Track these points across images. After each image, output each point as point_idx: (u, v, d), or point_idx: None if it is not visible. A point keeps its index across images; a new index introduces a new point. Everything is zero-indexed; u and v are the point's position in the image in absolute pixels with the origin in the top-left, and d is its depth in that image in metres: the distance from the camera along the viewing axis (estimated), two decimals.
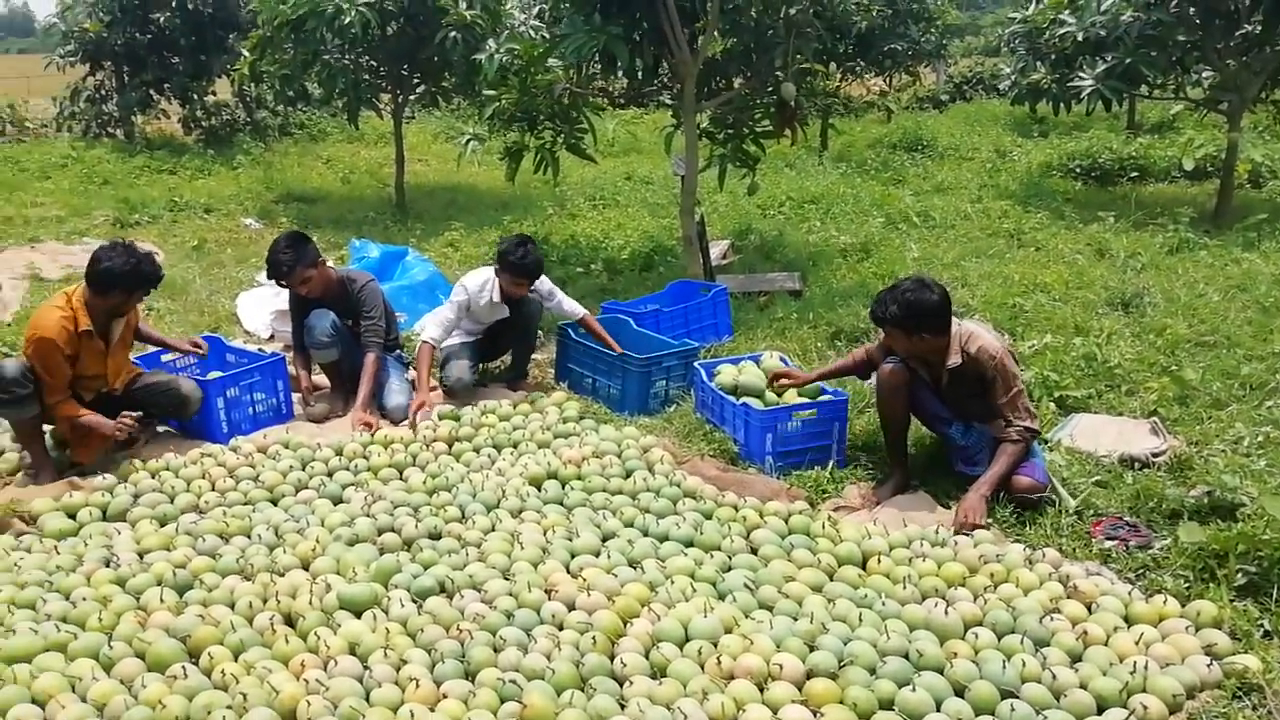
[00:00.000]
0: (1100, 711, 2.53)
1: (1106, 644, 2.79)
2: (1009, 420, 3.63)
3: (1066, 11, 8.88)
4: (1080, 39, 8.60)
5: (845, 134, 12.88)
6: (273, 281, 4.99)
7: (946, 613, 2.90)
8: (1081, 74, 8.61)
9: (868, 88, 15.56)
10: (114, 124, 13.88)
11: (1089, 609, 2.97)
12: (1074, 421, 4.31)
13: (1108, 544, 3.33)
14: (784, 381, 4.32)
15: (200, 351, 4.78)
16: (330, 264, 5.07)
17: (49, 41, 18.27)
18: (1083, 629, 2.83)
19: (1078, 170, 11.07)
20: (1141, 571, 3.21)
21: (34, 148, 13.12)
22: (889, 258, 7.51)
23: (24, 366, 3.99)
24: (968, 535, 3.41)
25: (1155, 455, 3.93)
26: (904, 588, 3.09)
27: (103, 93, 13.75)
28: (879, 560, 3.27)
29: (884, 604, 3.00)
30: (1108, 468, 3.88)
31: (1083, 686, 2.59)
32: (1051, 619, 2.87)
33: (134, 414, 4.17)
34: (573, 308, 5.20)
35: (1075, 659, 2.74)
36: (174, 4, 12.44)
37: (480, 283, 4.99)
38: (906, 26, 12.34)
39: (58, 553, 3.46)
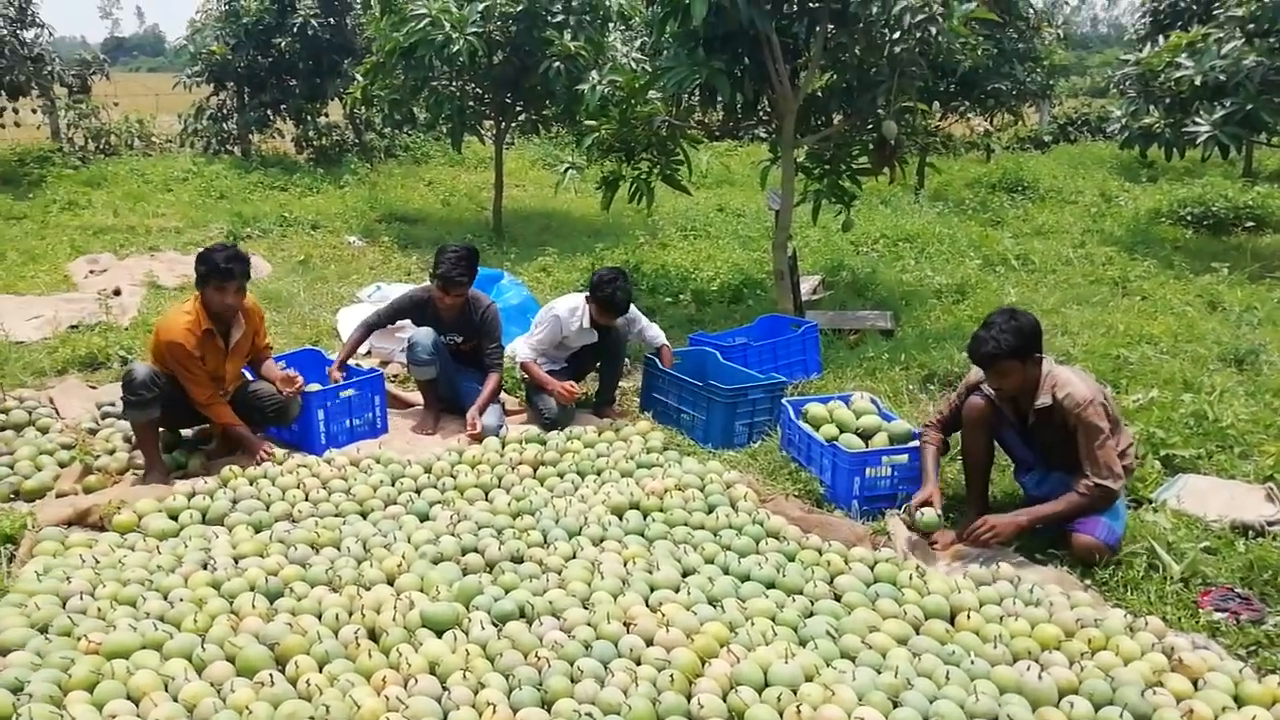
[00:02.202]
0: None
1: None
2: (1085, 474, 3.50)
3: (1184, 55, 8.59)
4: (1198, 83, 8.29)
5: (943, 173, 12.62)
6: (376, 294, 5.15)
7: (1040, 677, 2.78)
8: (1198, 119, 8.29)
9: (970, 127, 15.26)
10: (232, 141, 14.57)
11: (1195, 685, 2.80)
12: (1181, 482, 4.11)
13: (1217, 616, 3.15)
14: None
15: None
16: None
17: (177, 62, 19.31)
18: (1188, 707, 2.66)
19: (1189, 218, 10.63)
20: (1254, 648, 3.03)
21: (159, 162, 13.84)
22: (985, 300, 7.33)
23: (152, 371, 4.20)
24: (967, 560, 3.39)
25: (1271, 524, 3.72)
26: (994, 647, 2.98)
27: (224, 111, 14.45)
28: (968, 616, 3.16)
29: (973, 662, 2.89)
30: (1218, 534, 3.68)
31: None
32: (1154, 693, 2.72)
33: (274, 450, 4.44)
34: (654, 335, 5.29)
35: None
36: (295, 30, 13.02)
37: (570, 308, 5.07)
38: (1012, 66, 12.06)
39: (160, 553, 3.61)
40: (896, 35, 5.75)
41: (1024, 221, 10.98)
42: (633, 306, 5.23)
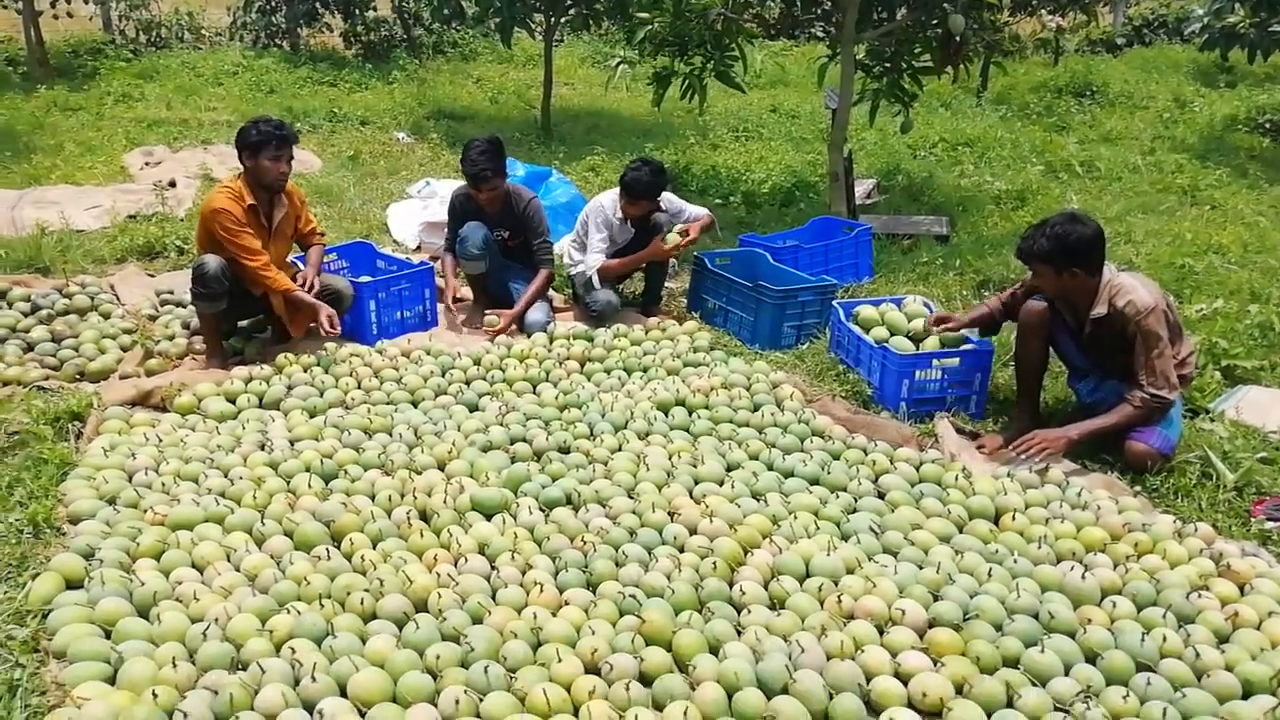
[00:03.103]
0: (1246, 697, 2.38)
1: (1259, 628, 2.62)
2: (1141, 384, 3.42)
3: None
4: None
5: (1009, 75, 12.10)
6: (425, 190, 5.13)
7: (1084, 577, 2.78)
8: None
9: (1042, 23, 14.51)
10: (281, 35, 14.40)
11: (1241, 590, 2.79)
12: (1241, 393, 4.02)
13: (1269, 525, 3.12)
14: (945, 326, 4.14)
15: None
16: None
17: None
18: (1234, 609, 2.66)
19: (1268, 125, 10.09)
20: None
21: (209, 55, 13.76)
22: (1046, 207, 7.10)
23: (223, 264, 4.25)
24: (1015, 464, 3.42)
25: None
26: (1038, 547, 2.98)
27: (272, 4, 14.25)
28: (1013, 517, 3.16)
29: (1015, 561, 2.90)
30: (1276, 445, 3.60)
31: (1228, 668, 2.45)
32: (1199, 595, 2.71)
33: (332, 324, 4.41)
34: (698, 211, 5.25)
35: (1222, 640, 2.59)
36: None
37: (612, 199, 5.02)
38: None
39: (219, 434, 3.73)
40: None
41: (1091, 127, 10.55)
42: (676, 198, 5.16)
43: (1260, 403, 3.92)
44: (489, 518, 3.12)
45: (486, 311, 5.02)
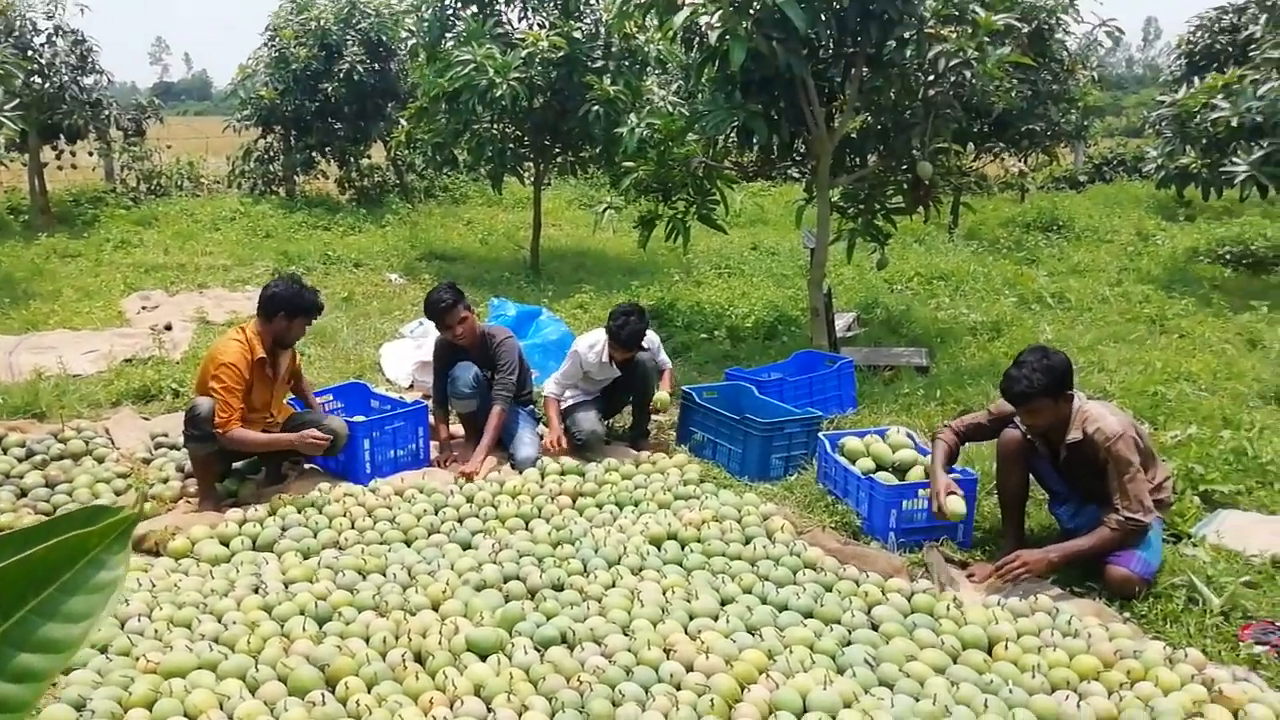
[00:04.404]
0: None
1: None
2: (1116, 508, 3.52)
3: (1220, 96, 8.62)
4: (1235, 124, 8.31)
5: (978, 212, 12.67)
6: (419, 330, 5.29)
7: (1079, 706, 2.79)
8: (1235, 159, 8.30)
9: (1005, 167, 15.30)
10: (278, 183, 14.97)
11: (1235, 716, 2.80)
12: (1221, 517, 4.10)
13: (1258, 649, 3.15)
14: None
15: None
16: None
17: (224, 106, 19.90)
18: None
19: (1228, 257, 10.57)
20: None
21: (207, 202, 14.26)
22: (1021, 337, 7.34)
23: (215, 406, 4.34)
24: (1005, 593, 3.46)
25: None
26: (1033, 677, 2.99)
27: (270, 154, 14.88)
28: (1006, 646, 3.18)
29: (1011, 691, 2.91)
30: (1258, 568, 3.67)
31: None
32: None
33: (316, 437, 4.48)
34: (663, 360, 5.47)
35: None
36: (341, 76, 13.42)
37: (589, 344, 5.19)
38: (1046, 107, 12.13)
39: (213, 577, 3.73)
40: (931, 79, 5.87)
41: (1059, 260, 10.98)
42: (655, 336, 5.34)
43: (1240, 526, 4.00)
44: (484, 658, 3.12)
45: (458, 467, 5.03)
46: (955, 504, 3.77)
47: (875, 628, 3.35)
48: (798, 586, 3.62)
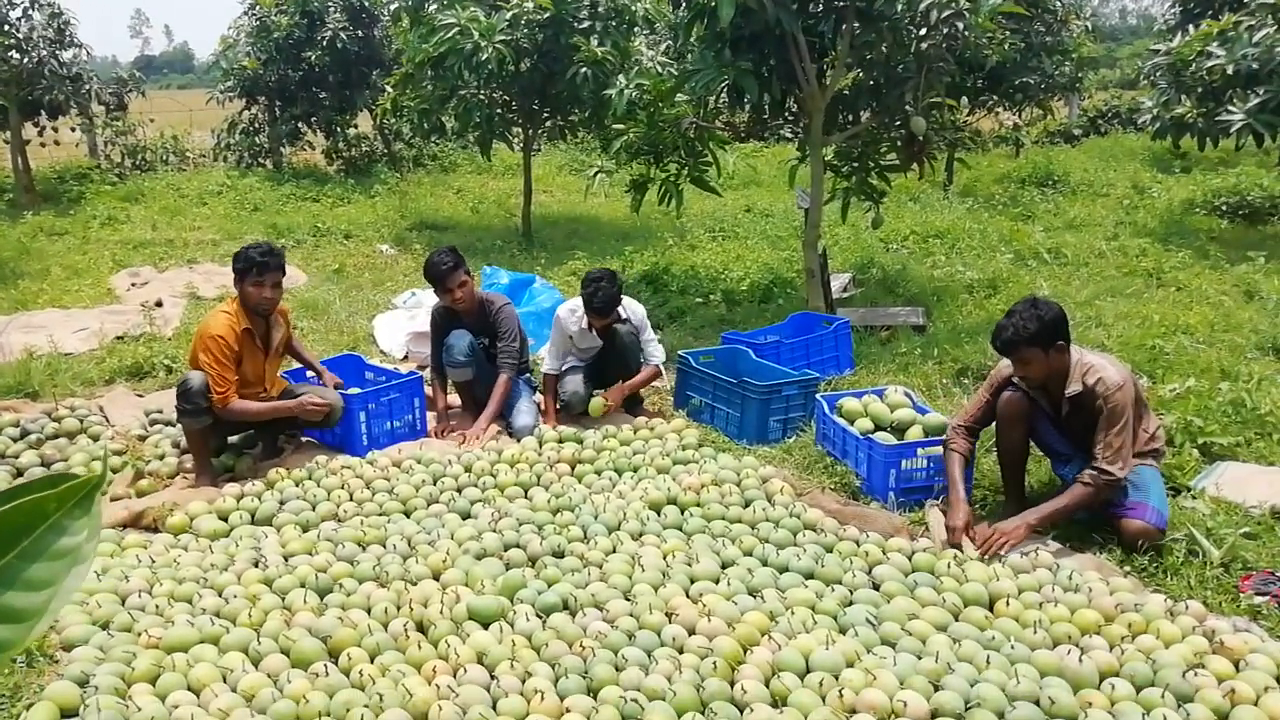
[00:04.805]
0: None
1: (1256, 704, 2.63)
2: (1095, 458, 3.50)
3: (1215, 44, 8.51)
4: (1230, 72, 8.22)
5: (972, 168, 12.59)
6: (411, 300, 5.24)
7: (1081, 660, 2.80)
8: (1231, 108, 8.21)
9: (999, 121, 15.18)
10: (264, 155, 14.80)
11: (1236, 666, 2.81)
12: (1219, 470, 4.10)
13: (1257, 599, 3.16)
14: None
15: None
16: None
17: (206, 79, 19.63)
18: (1230, 687, 2.68)
19: (1224, 208, 10.52)
20: None
21: (194, 176, 14.10)
22: (1017, 294, 7.28)
23: (206, 379, 4.31)
24: (984, 560, 3.43)
25: None
26: (1034, 632, 3.00)
27: (255, 125, 14.69)
28: (1007, 603, 3.19)
29: (1013, 647, 2.91)
30: (1258, 520, 3.67)
31: None
32: (1195, 674, 2.73)
33: (315, 402, 4.50)
34: (651, 352, 5.20)
35: (1221, 717, 2.60)
36: (324, 44, 13.23)
37: (570, 309, 5.16)
38: (1040, 60, 12.01)
39: (212, 552, 3.72)
40: (923, 32, 5.78)
41: (1055, 215, 10.92)
42: (643, 316, 5.23)
43: (1239, 478, 4.00)
44: (486, 626, 3.12)
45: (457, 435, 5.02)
46: (971, 549, 3.56)
47: (876, 587, 3.36)
48: (798, 548, 3.62)
